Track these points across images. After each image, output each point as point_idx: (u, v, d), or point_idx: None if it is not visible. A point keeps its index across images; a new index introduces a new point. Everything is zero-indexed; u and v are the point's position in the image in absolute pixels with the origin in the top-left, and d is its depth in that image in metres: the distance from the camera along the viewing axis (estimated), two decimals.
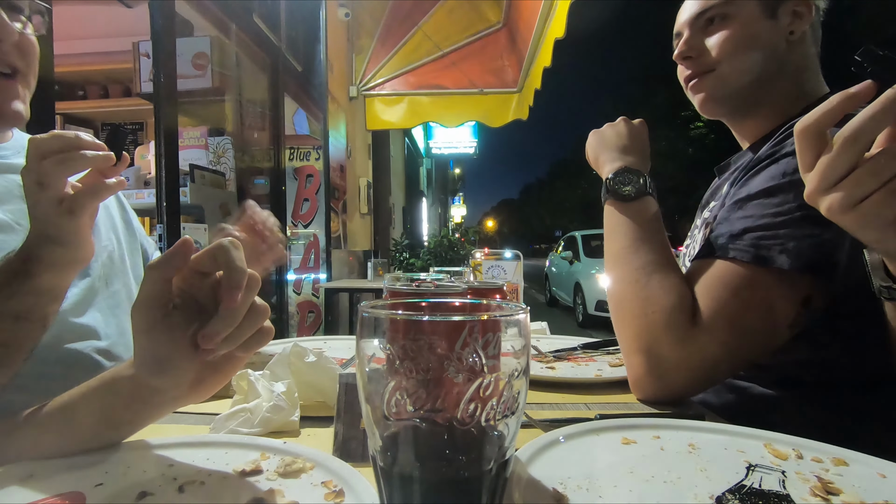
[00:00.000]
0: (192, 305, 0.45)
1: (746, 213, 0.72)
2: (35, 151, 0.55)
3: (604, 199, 0.86)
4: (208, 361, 0.45)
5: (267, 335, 0.46)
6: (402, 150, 10.56)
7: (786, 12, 0.86)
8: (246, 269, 0.43)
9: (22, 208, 0.76)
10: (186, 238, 0.44)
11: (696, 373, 0.70)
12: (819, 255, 0.67)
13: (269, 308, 0.46)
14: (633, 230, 0.80)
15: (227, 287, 0.42)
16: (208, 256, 0.43)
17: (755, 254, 0.69)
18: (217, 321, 0.42)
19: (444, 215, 25.52)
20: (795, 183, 0.68)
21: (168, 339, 0.43)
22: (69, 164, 0.55)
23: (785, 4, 0.86)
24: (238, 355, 0.47)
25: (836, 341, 0.74)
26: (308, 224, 4.14)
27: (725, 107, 0.94)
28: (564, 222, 59.85)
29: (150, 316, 0.42)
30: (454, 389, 0.29)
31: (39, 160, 0.55)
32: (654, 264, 0.75)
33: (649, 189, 0.83)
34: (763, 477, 0.45)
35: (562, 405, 0.71)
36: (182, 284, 0.44)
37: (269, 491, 0.41)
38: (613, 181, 0.84)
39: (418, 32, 5.14)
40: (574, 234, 9.77)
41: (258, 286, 0.44)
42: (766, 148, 0.78)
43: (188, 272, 0.44)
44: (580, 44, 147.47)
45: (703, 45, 0.90)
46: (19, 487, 0.41)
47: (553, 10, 3.58)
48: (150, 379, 0.44)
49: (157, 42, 2.06)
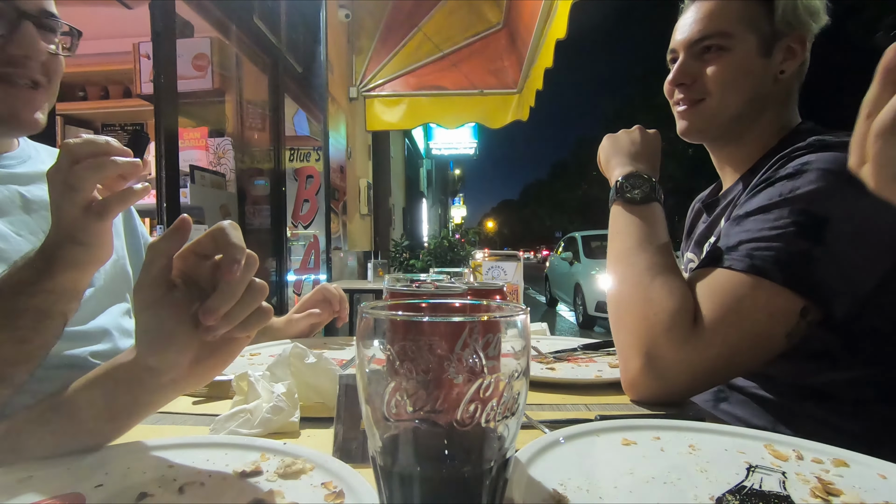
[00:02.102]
0: (193, 287, 0.46)
1: (744, 227, 0.75)
2: (68, 156, 0.57)
3: (611, 202, 0.87)
4: (207, 342, 0.46)
5: (266, 314, 0.47)
6: (402, 151, 10.57)
7: (780, 49, 0.87)
8: (244, 246, 0.45)
9: (23, 219, 0.77)
10: (184, 216, 0.46)
11: (694, 375, 0.71)
12: (809, 269, 0.69)
13: (266, 286, 0.47)
14: (638, 232, 0.80)
15: (226, 262, 0.44)
16: (208, 238, 0.45)
17: (750, 263, 0.70)
18: (216, 296, 0.43)
19: (444, 216, 25.53)
20: (791, 201, 0.72)
21: (169, 315, 0.44)
22: (101, 169, 0.57)
23: (781, 42, 0.87)
24: (237, 336, 0.47)
25: (858, 361, 0.75)
26: (308, 225, 4.14)
27: (707, 136, 0.96)
28: (564, 223, 59.84)
29: (152, 293, 0.44)
30: (454, 390, 0.29)
31: (72, 164, 0.56)
32: (659, 267, 0.76)
33: (657, 195, 0.84)
34: (763, 478, 0.45)
35: (562, 406, 0.71)
36: (183, 267, 0.46)
37: (268, 492, 0.41)
38: (623, 184, 0.85)
39: (418, 33, 5.15)
40: (574, 234, 9.78)
41: (256, 265, 0.46)
42: (759, 176, 0.81)
43: (189, 254, 0.46)
44: (581, 44, 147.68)
45: (698, 72, 0.90)
46: (19, 488, 0.41)
47: (553, 10, 3.59)
48: (150, 358, 0.45)
49: (157, 43, 2.06)
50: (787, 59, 0.87)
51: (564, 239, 10.81)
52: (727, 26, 0.87)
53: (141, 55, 2.87)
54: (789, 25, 0.86)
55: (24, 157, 0.84)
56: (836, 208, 0.69)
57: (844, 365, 0.76)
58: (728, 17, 0.87)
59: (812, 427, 0.77)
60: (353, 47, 5.39)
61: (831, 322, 0.71)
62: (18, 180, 0.81)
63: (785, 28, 0.86)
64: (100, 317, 0.83)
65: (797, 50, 0.87)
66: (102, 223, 0.58)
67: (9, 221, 0.76)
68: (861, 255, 0.70)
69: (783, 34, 0.86)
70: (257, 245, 3.35)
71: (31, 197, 0.81)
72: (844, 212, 0.69)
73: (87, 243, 0.58)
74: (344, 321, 1.23)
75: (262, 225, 3.38)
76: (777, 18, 0.85)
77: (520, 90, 5.23)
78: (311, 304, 1.18)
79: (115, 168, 0.58)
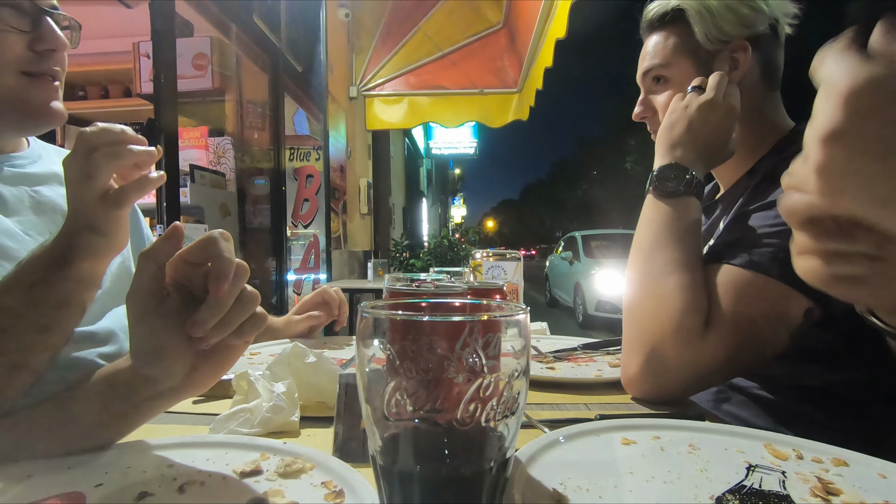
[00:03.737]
0: (187, 295, 0.46)
1: (744, 225, 0.75)
2: (85, 144, 0.57)
3: (647, 190, 0.84)
4: (203, 351, 0.46)
5: (260, 321, 0.47)
6: (402, 151, 10.57)
7: (723, 62, 0.86)
8: (233, 259, 0.44)
9: (32, 220, 0.78)
10: (177, 224, 0.46)
11: (696, 375, 0.71)
12: None
13: (258, 295, 0.47)
14: (662, 226, 0.78)
15: (214, 277, 0.43)
16: (199, 247, 0.45)
17: (748, 259, 0.70)
18: (204, 309, 0.43)
19: (444, 215, 25.52)
20: None
21: (162, 327, 0.44)
22: (117, 157, 0.57)
23: (719, 57, 0.86)
24: (232, 343, 0.47)
25: (859, 362, 0.75)
26: (308, 224, 4.14)
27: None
28: (565, 222, 59.83)
29: (145, 304, 0.44)
30: (454, 390, 0.29)
31: (89, 153, 0.56)
32: (677, 263, 0.74)
33: (693, 190, 0.79)
34: (763, 477, 0.45)
35: (562, 405, 0.71)
36: (175, 275, 0.45)
37: (269, 491, 0.41)
38: (658, 174, 0.82)
39: (418, 33, 5.15)
40: (574, 234, 9.77)
41: (247, 275, 0.45)
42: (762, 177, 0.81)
43: (180, 263, 0.45)
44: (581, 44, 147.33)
45: (653, 104, 0.92)
46: (19, 487, 0.41)
47: (553, 10, 3.58)
48: (146, 368, 0.45)
49: (157, 42, 2.06)
50: (733, 69, 0.86)
51: (564, 239, 10.80)
52: (662, 58, 0.89)
53: (141, 54, 2.87)
54: (720, 41, 0.85)
55: (34, 156, 0.85)
56: None
57: (845, 366, 0.76)
58: (664, 48, 0.89)
59: (813, 428, 0.77)
60: (353, 47, 5.39)
61: (832, 321, 0.71)
62: (29, 180, 0.81)
63: (717, 44, 0.85)
64: (105, 318, 0.83)
65: (739, 58, 0.86)
66: (119, 212, 0.58)
67: (18, 221, 0.76)
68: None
69: (718, 49, 0.86)
70: (257, 244, 3.35)
71: (41, 198, 0.81)
72: None
73: (104, 232, 0.58)
74: (342, 325, 1.23)
75: (261, 224, 3.38)
76: (701, 40, 0.85)
77: (520, 90, 5.23)
78: (311, 306, 1.19)
79: (132, 156, 0.58)
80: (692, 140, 0.81)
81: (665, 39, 0.90)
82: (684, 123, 0.82)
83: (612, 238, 9.25)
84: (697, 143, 0.81)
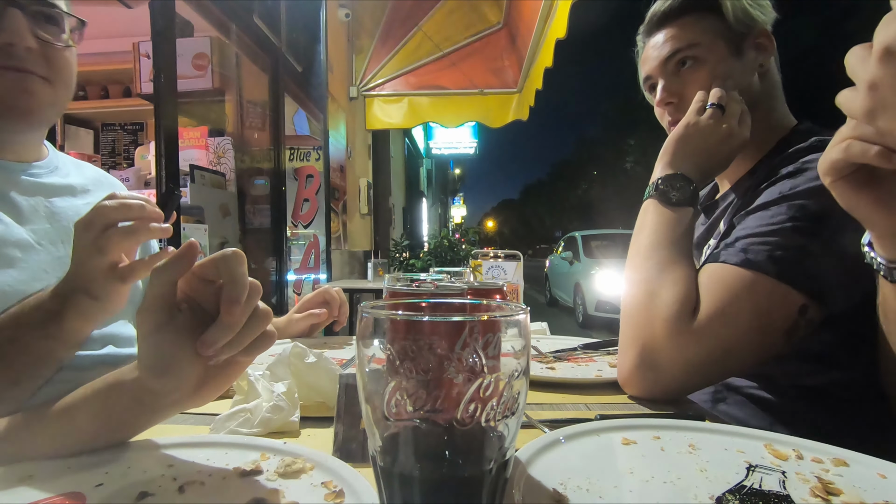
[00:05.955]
0: (198, 311, 0.45)
1: (743, 225, 0.76)
2: (101, 220, 0.56)
3: (646, 195, 0.85)
4: (211, 366, 0.45)
5: (269, 340, 0.47)
6: (402, 151, 10.57)
7: (750, 47, 0.88)
8: (246, 282, 0.44)
9: (45, 228, 0.77)
10: (192, 241, 0.45)
11: (690, 370, 0.71)
12: (805, 264, 0.69)
13: (271, 313, 0.46)
14: (663, 232, 0.80)
15: (227, 300, 0.43)
16: (212, 265, 0.44)
17: (744, 258, 0.71)
18: (215, 329, 0.43)
19: (444, 215, 25.52)
20: (789, 198, 0.73)
21: (172, 341, 0.43)
22: (133, 236, 0.57)
23: (748, 40, 0.88)
24: (240, 360, 0.47)
25: (858, 362, 0.75)
26: (308, 224, 4.13)
27: None
28: (565, 223, 59.81)
29: (156, 319, 0.43)
30: (454, 390, 0.29)
31: (104, 229, 0.56)
32: (668, 261, 0.76)
33: (694, 201, 0.82)
34: (763, 477, 0.45)
35: (562, 405, 0.71)
36: (188, 290, 0.45)
37: (269, 491, 0.41)
38: (660, 183, 0.83)
39: (418, 33, 5.15)
40: (574, 234, 9.77)
41: (259, 294, 0.45)
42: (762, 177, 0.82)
43: (193, 279, 0.45)
44: (581, 44, 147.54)
45: (681, 88, 0.91)
46: (19, 487, 0.41)
47: (553, 10, 3.59)
48: (153, 382, 0.44)
49: (157, 42, 2.06)
50: (760, 53, 0.89)
51: (564, 239, 10.80)
52: (694, 38, 0.89)
53: (141, 54, 2.87)
54: (746, 25, 0.87)
55: (51, 167, 0.84)
56: (835, 205, 0.69)
57: (843, 365, 0.76)
58: (693, 30, 0.89)
59: (811, 427, 0.77)
60: (353, 47, 5.39)
61: (831, 322, 0.71)
62: (45, 190, 0.81)
63: (744, 28, 0.88)
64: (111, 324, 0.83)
65: (765, 44, 0.89)
66: (124, 286, 0.58)
67: (31, 230, 0.76)
68: (860, 252, 0.70)
69: (745, 33, 0.88)
70: (257, 245, 3.35)
71: (55, 209, 0.81)
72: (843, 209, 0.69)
73: (102, 298, 0.57)
74: (342, 325, 1.24)
75: (261, 224, 3.38)
76: (732, 22, 0.87)
77: (520, 90, 5.23)
78: (312, 305, 1.19)
79: (148, 235, 0.58)
80: (704, 161, 0.83)
81: (689, 25, 0.90)
82: (701, 144, 0.83)
83: (612, 238, 9.26)
84: (707, 164, 0.84)
